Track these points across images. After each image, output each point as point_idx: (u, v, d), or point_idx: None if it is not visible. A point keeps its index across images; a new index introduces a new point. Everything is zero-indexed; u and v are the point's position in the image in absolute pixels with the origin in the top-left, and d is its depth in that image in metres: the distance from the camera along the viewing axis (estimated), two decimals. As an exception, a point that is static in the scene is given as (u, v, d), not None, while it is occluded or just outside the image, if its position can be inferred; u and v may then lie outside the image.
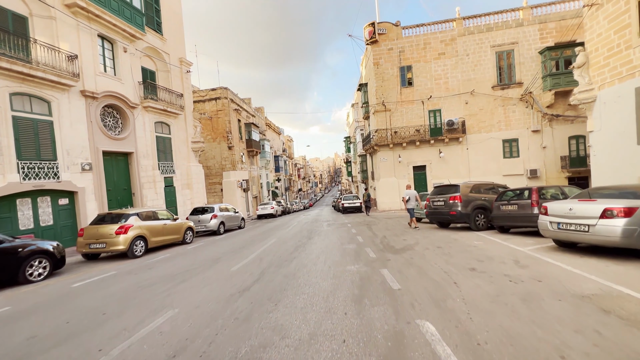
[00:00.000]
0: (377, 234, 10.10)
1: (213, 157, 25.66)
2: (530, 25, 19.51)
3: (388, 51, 21.10)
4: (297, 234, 11.58)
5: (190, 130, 18.36)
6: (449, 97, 20.61)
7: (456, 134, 20.28)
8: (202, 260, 7.55)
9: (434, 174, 20.99)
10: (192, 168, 18.08)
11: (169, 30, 17.15)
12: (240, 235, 12.86)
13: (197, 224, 13.70)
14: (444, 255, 6.36)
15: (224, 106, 25.30)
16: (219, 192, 25.60)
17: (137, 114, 14.39)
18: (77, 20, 11.63)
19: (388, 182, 21.28)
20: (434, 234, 9.61)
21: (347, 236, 10.10)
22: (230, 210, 15.64)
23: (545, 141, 19.56)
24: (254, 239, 11.25)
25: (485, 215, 10.18)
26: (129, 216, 8.92)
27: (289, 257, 7.06)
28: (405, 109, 21.14)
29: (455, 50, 20.47)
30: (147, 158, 14.87)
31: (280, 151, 50.24)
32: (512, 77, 19.96)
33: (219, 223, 13.96)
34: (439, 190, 11.30)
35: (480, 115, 20.41)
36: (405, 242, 8.18)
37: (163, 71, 16.81)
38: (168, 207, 16.00)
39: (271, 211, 24.94)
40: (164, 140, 16.21)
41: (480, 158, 20.38)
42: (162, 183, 15.63)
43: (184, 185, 17.42)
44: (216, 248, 9.65)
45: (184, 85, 18.01)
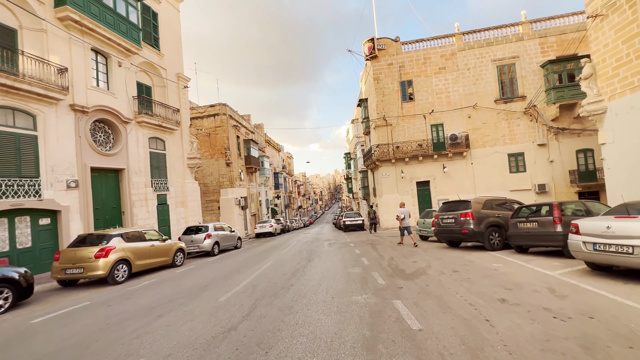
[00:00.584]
0: (383, 255, 9.27)
1: (210, 174, 25.05)
2: (530, 39, 19.42)
3: (388, 66, 20.94)
4: (296, 255, 10.73)
5: (187, 146, 17.82)
6: (451, 112, 20.24)
7: (460, 148, 19.75)
8: (189, 288, 6.70)
9: (438, 190, 20.28)
10: (188, 185, 17.40)
11: (167, 46, 16.97)
12: (236, 257, 11.99)
13: (190, 245, 12.86)
14: (464, 281, 5.55)
15: (222, 122, 24.95)
16: (216, 210, 24.79)
17: (130, 129, 13.86)
18: (69, 34, 11.30)
19: (391, 198, 20.54)
20: (446, 255, 8.79)
21: (350, 258, 9.27)
22: (225, 229, 14.82)
23: (552, 155, 18.99)
24: (250, 260, 10.39)
25: (500, 233, 9.39)
26: (111, 237, 8.14)
27: (286, 284, 6.23)
28: (407, 123, 20.73)
29: (455, 64, 20.30)
30: (140, 175, 14.22)
31: (280, 168, 49.77)
32: (514, 91, 19.66)
33: (213, 243, 13.11)
34: (448, 206, 10.57)
35: (483, 129, 19.96)
36: (416, 265, 7.36)
37: (159, 86, 16.48)
38: (161, 226, 15.18)
39: (270, 229, 24.03)
40: (158, 156, 15.62)
41: (486, 173, 19.74)
42: (154, 201, 14.90)
43: (178, 203, 16.67)
44: (207, 272, 8.79)
45: (181, 101, 17.64)
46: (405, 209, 11.92)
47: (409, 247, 10.83)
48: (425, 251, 9.78)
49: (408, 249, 10.40)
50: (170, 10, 17.63)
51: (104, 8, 12.41)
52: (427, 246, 11.16)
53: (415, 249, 10.31)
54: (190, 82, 18.40)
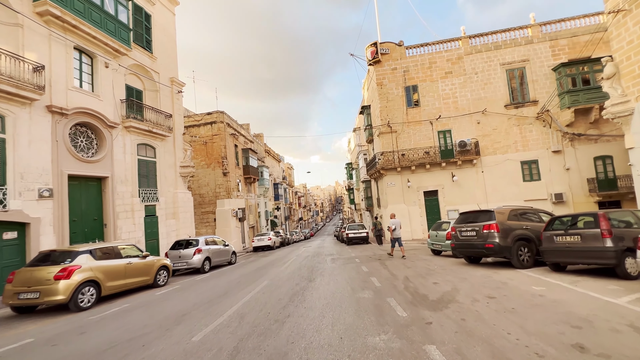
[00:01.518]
0: (395, 275, 8.00)
1: (207, 184, 23.92)
2: (540, 42, 18.62)
3: (392, 71, 20.11)
4: (295, 274, 9.45)
5: (180, 153, 16.76)
6: (459, 117, 19.25)
7: (469, 155, 18.64)
8: (162, 318, 5.46)
9: (447, 200, 19.06)
10: (180, 195, 16.24)
11: (160, 49, 16.16)
12: (227, 275, 10.70)
13: (177, 261, 11.59)
14: (509, 313, 4.31)
15: (219, 130, 24.01)
16: (212, 222, 23.54)
17: (117, 135, 12.83)
18: (49, 30, 10.41)
19: (397, 209, 19.28)
20: (469, 274, 7.52)
21: (358, 277, 8.00)
22: (218, 243, 13.56)
23: (568, 162, 17.85)
24: (242, 280, 9.12)
25: (529, 248, 8.16)
26: (77, 254, 6.93)
27: (281, 315, 4.99)
28: (413, 130, 19.71)
29: (462, 68, 19.45)
30: (126, 184, 13.09)
31: (280, 179, 48.67)
32: (525, 96, 18.71)
33: (204, 259, 11.84)
34: (466, 217, 9.36)
35: (494, 135, 18.90)
36: (439, 288, 6.11)
37: (151, 90, 15.56)
38: (148, 239, 13.94)
39: (268, 243, 22.69)
40: (147, 164, 14.53)
41: (498, 182, 18.56)
42: (142, 212, 13.71)
43: (169, 214, 15.47)
44: (191, 295, 7.53)
45: (174, 106, 16.70)
46: (396, 220, 12.13)
47: (415, 262, 9.56)
48: (444, 269, 8.50)
49: (423, 266, 9.13)
50: (164, 13, 16.92)
51: (90, 5, 11.58)
52: (442, 262, 9.88)
53: (432, 267, 9.04)
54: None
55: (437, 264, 9.65)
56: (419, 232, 19.08)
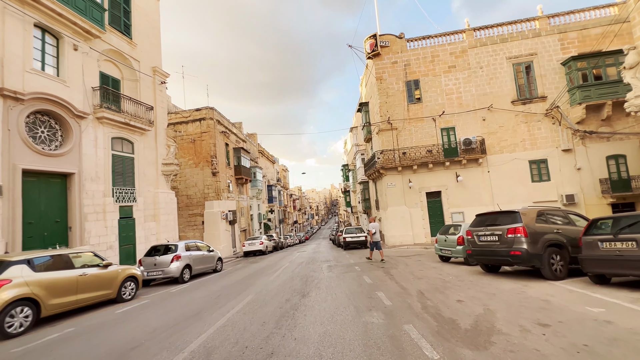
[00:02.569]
0: (406, 288, 6.68)
1: (194, 185, 22.44)
2: (549, 35, 17.64)
3: (392, 65, 18.96)
4: (286, 285, 8.08)
5: (162, 150, 15.32)
6: (464, 114, 18.13)
7: (474, 154, 17.50)
8: (103, 354, 4.06)
9: (451, 202, 17.86)
10: (161, 195, 14.77)
11: (142, 35, 14.77)
12: (208, 286, 9.27)
13: (152, 269, 10.14)
14: (586, 354, 3.01)
15: (209, 127, 22.58)
16: (200, 225, 22.03)
17: (87, 126, 11.38)
18: (3, 1, 8.99)
19: (398, 211, 18.06)
20: (494, 287, 6.24)
21: (360, 291, 6.66)
22: (202, 249, 12.12)
23: (580, 162, 16.80)
24: (223, 293, 7.72)
25: (562, 255, 6.92)
26: (9, 265, 5.49)
27: (264, 350, 3.62)
28: (414, 127, 18.53)
29: (467, 62, 18.38)
30: (97, 182, 11.62)
31: (275, 181, 47.22)
32: (533, 91, 17.68)
33: (183, 267, 10.39)
34: (484, 220, 8.09)
35: (500, 133, 17.81)
36: (468, 309, 4.80)
37: (131, 80, 14.14)
38: (123, 245, 12.46)
39: (260, 247, 21.24)
40: (123, 160, 13.07)
41: (505, 182, 17.42)
42: (115, 214, 12.23)
43: (148, 216, 13.99)
44: (155, 314, 6.12)
45: (157, 98, 15.29)
46: (375, 224, 12.05)
47: (424, 270, 8.27)
48: (461, 280, 7.21)
49: (435, 276, 7.83)
50: (147, -2, 15.55)
51: (55, -23, 10.19)
52: (455, 271, 8.60)
53: (446, 277, 7.74)
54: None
55: (450, 273, 8.36)
56: (421, 235, 17.82)
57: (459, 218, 17.59)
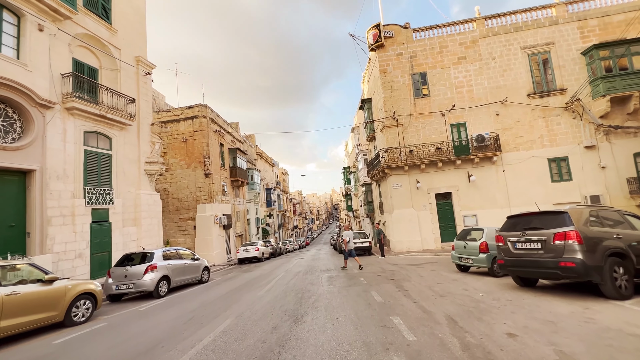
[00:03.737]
0: (428, 310, 5.18)
1: (186, 187, 21.01)
2: (567, 23, 16.29)
3: (397, 56, 17.62)
4: (277, 304, 6.59)
5: (146, 147, 13.93)
6: (475, 109, 16.72)
7: (488, 152, 16.04)
8: None
9: (462, 204, 16.35)
10: (144, 197, 13.34)
11: (123, 21, 13.48)
12: (184, 303, 7.78)
13: (122, 281, 8.66)
14: None
15: (201, 126, 21.22)
16: (192, 230, 20.55)
17: (53, 117, 10.00)
18: (-54, -32, 7.69)
19: (404, 214, 16.55)
20: (548, 310, 4.74)
21: (370, 314, 5.16)
22: (184, 257, 10.64)
23: (604, 159, 15.32)
24: (197, 315, 6.22)
25: (626, 267, 5.44)
26: None
27: None
28: (421, 123, 17.12)
29: (477, 53, 17.02)
30: (64, 180, 10.19)
31: (274, 184, 45.79)
32: (551, 83, 16.27)
33: (159, 279, 8.90)
34: (519, 222, 6.60)
35: (516, 129, 16.36)
36: (530, 350, 3.30)
37: (110, 69, 12.81)
38: (96, 252, 10.99)
39: (255, 254, 19.71)
40: (99, 157, 11.67)
41: (521, 182, 15.93)
42: (87, 217, 10.78)
43: (127, 220, 12.54)
44: (101, 348, 4.63)
45: (140, 90, 13.94)
46: (350, 232, 11.87)
47: (445, 284, 6.77)
48: (496, 299, 5.70)
49: (461, 293, 6.33)
50: (131, -18, 14.30)
51: (14, -55, 8.91)
52: (481, 284, 7.09)
53: (475, 295, 6.24)
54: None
55: (477, 287, 6.86)
56: (431, 241, 16.29)
57: (471, 222, 16.08)
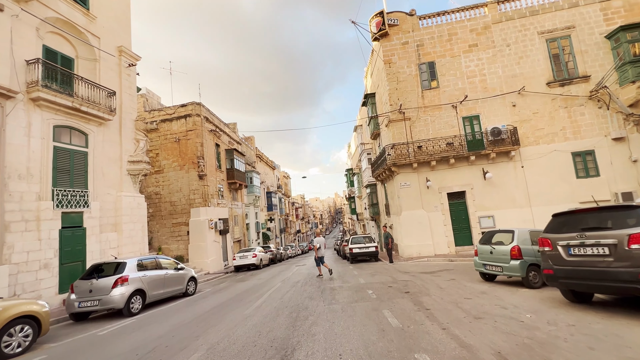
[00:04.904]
0: (466, 342, 3.76)
1: (179, 190, 19.75)
2: (588, 4, 14.93)
3: (402, 45, 16.34)
4: (264, 328, 5.20)
5: (129, 145, 12.70)
6: (489, 99, 15.34)
7: (505, 146, 14.61)
8: None
9: (477, 204, 14.89)
10: (126, 200, 12.06)
11: (104, 8, 12.35)
12: (154, 325, 6.41)
13: (86, 297, 7.33)
14: None
15: (195, 125, 20.03)
16: (185, 236, 19.24)
17: (14, 108, 8.78)
18: None
19: (414, 216, 15.12)
20: (629, 341, 3.30)
21: (385, 349, 3.75)
22: (167, 267, 9.29)
23: (635, 152, 13.82)
24: (160, 345, 4.86)
25: None
26: None
27: None
28: (430, 116, 15.75)
29: (490, 40, 15.68)
30: (28, 180, 8.94)
31: (275, 188, 44.49)
32: (573, 70, 14.86)
33: (131, 293, 7.56)
34: (570, 221, 5.18)
35: (535, 120, 14.94)
36: None
37: (88, 59, 11.64)
38: (66, 262, 9.68)
39: (253, 260, 18.33)
40: (72, 155, 10.43)
41: (543, 179, 14.46)
42: (56, 222, 9.51)
43: (106, 225, 11.25)
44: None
45: (123, 83, 12.75)
46: (321, 239, 11.43)
47: (473, 299, 5.36)
48: (551, 322, 4.27)
49: (500, 312, 4.91)
50: (113, -34, 13.20)
51: None
52: (519, 299, 5.66)
53: (518, 315, 4.82)
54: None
55: (515, 304, 5.44)
56: (443, 245, 14.82)
57: (488, 223, 14.61)
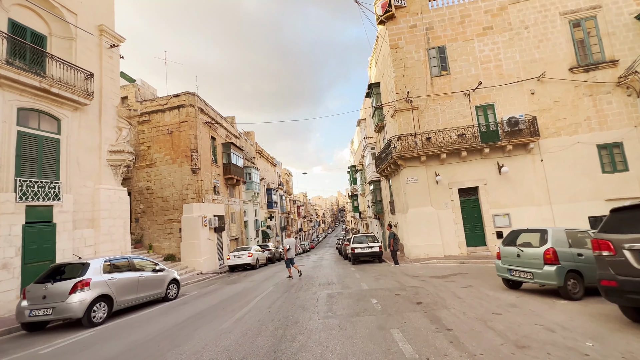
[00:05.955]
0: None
1: (171, 185, 18.67)
2: (616, -18, 13.56)
3: (410, 29, 15.06)
4: (240, 351, 4.04)
5: (110, 133, 11.60)
6: (505, 87, 14.03)
7: (522, 137, 13.32)
8: None
9: (491, 201, 13.62)
10: (104, 193, 10.96)
11: (82, -18, 11.23)
12: (112, 343, 5.28)
13: (39, 304, 6.21)
14: None
15: (188, 116, 18.91)
16: (177, 233, 18.16)
17: (-33, 86, 7.69)
18: None
19: (421, 214, 13.89)
20: None
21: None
22: (142, 268, 8.16)
23: (669, 145, 12.48)
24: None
25: None
26: None
27: None
28: (440, 105, 14.48)
29: (507, 22, 14.36)
30: (-16, 168, 7.86)
31: (276, 185, 43.39)
32: (598, 54, 13.51)
33: (93, 300, 6.43)
34: (639, 216, 3.95)
35: (556, 110, 13.62)
36: None
37: (63, 38, 10.54)
38: (30, 262, 8.60)
39: (248, 260, 17.20)
40: (40, 141, 9.33)
41: (565, 174, 13.16)
42: (18, 216, 8.42)
43: (80, 221, 10.16)
44: None
45: (103, 65, 11.64)
46: (291, 240, 11.60)
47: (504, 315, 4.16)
48: (625, 355, 3.05)
49: (544, 334, 3.71)
50: (94, -62, 12.06)
51: None
52: (565, 316, 4.44)
53: (573, 343, 3.59)
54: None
55: (560, 322, 4.23)
56: (453, 245, 13.58)
57: (503, 222, 13.35)
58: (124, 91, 20.72)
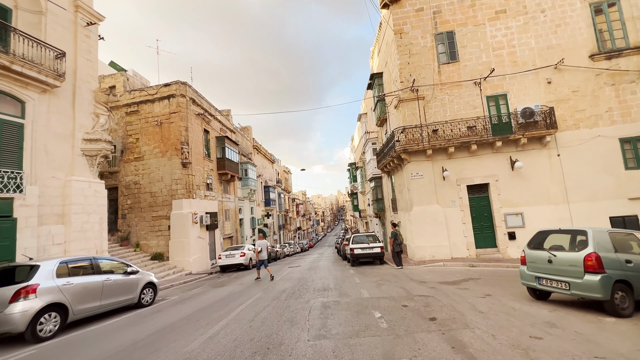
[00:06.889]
0: None
1: (160, 179, 17.58)
2: (642, -39, 12.44)
3: (416, 13, 13.95)
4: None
5: (85, 119, 10.50)
6: (519, 75, 12.94)
7: (538, 130, 12.23)
8: None
9: (503, 199, 12.54)
10: (77, 185, 9.88)
11: (54, -49, 10.10)
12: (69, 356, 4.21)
13: (-29, 316, 5.13)
14: None
15: (179, 107, 17.80)
16: (166, 231, 17.09)
17: None
18: None
19: (427, 212, 12.82)
20: None
21: None
22: (107, 270, 7.09)
23: (700, 139, 11.39)
24: None
25: None
26: None
27: None
28: (448, 95, 13.39)
29: (521, 5, 13.25)
30: None
31: (274, 182, 42.30)
32: (621, 40, 12.41)
33: (40, 309, 5.37)
34: None
35: (575, 100, 12.53)
36: None
37: (32, 12, 9.44)
38: (-14, 261, 7.52)
39: (240, 260, 16.14)
40: (0, 125, 8.25)
41: (583, 170, 12.08)
42: (-31, 210, 7.35)
43: (47, 216, 9.08)
44: None
45: (79, 45, 10.53)
46: (263, 241, 11.49)
47: (550, 341, 3.11)
48: None
49: None
50: None
51: None
52: (607, 337, 3.37)
53: None
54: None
55: (621, 351, 3.14)
56: (462, 246, 12.52)
57: (516, 221, 12.29)
58: (112, 80, 19.68)
